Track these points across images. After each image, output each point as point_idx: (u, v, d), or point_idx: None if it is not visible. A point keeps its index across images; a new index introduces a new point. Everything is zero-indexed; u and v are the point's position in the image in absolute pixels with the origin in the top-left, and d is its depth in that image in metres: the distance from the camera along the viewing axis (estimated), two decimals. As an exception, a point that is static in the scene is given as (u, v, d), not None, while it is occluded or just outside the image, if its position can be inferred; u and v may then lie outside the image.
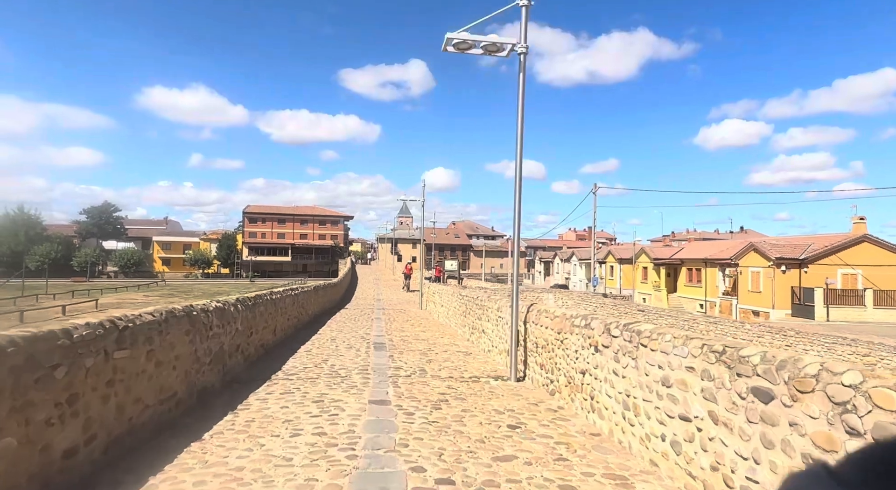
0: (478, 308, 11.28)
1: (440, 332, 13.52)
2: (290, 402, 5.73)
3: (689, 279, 48.02)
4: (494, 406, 5.77)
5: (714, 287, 43.19)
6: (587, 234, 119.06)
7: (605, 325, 4.97)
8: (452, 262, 39.46)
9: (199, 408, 5.49)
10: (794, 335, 18.22)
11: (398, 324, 15.62)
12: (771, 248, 34.91)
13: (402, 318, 17.85)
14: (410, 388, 6.62)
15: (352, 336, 12.22)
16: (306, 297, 15.31)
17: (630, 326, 4.48)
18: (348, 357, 9.11)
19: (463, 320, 13.00)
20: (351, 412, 5.36)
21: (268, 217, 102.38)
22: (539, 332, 6.90)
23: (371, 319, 16.86)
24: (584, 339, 5.43)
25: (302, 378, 7.17)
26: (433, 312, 19.21)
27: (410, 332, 13.55)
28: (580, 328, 5.56)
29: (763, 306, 35.31)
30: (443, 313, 16.80)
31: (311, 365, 8.23)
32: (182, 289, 66.60)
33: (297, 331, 12.89)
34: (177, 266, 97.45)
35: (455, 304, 14.51)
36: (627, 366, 4.40)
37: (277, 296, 11.16)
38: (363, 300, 27.88)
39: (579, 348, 5.52)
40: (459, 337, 12.52)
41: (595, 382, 5.09)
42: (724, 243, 48.20)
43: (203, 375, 5.96)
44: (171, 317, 5.15)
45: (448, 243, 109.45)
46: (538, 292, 28.05)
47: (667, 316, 21.97)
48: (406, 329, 14.22)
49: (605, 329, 4.95)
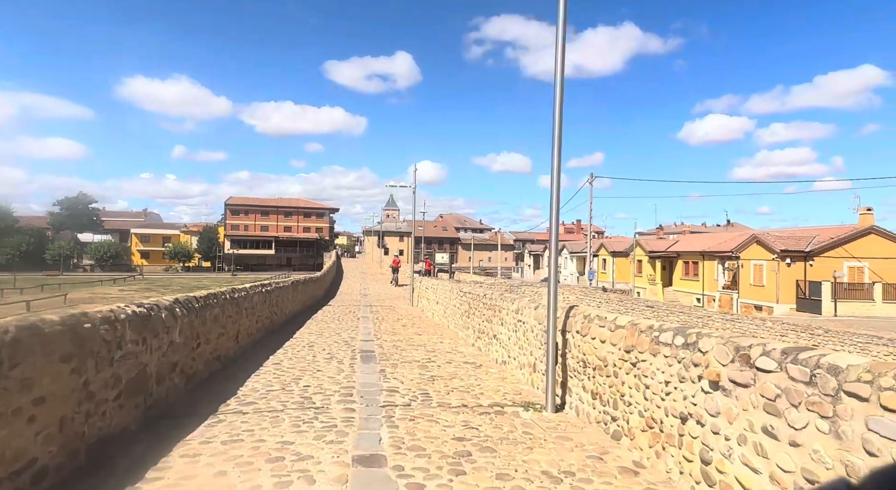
0: (486, 308, 9.36)
1: (438, 335, 11.59)
2: (232, 462, 3.76)
3: (685, 272, 46.65)
4: (541, 463, 3.86)
5: (712, 281, 41.82)
6: (576, 227, 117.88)
7: (738, 348, 3.07)
8: (443, 254, 37.47)
9: (89, 473, 3.51)
10: (823, 334, 16.61)
11: (388, 324, 13.66)
12: (775, 241, 33.49)
13: (392, 316, 15.88)
14: (413, 427, 4.68)
15: (334, 341, 10.23)
16: (282, 295, 13.27)
17: (808, 358, 2.57)
18: (327, 372, 7.13)
19: (465, 322, 11.07)
20: (325, 485, 3.41)
21: (251, 209, 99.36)
22: (589, 347, 5.00)
23: (357, 318, 14.87)
24: (683, 367, 3.54)
25: (261, 410, 5.19)
26: (426, 310, 17.26)
27: (403, 334, 11.59)
28: (673, 347, 3.67)
29: (766, 301, 33.94)
30: (439, 312, 14.86)
31: (277, 387, 6.25)
32: (160, 283, 64.01)
33: (268, 334, 10.87)
34: (156, 259, 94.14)
35: (455, 301, 12.58)
36: (807, 426, 2.51)
37: (242, 294, 9.13)
38: (349, 296, 25.84)
39: (674, 380, 3.63)
40: (462, 341, 10.60)
41: (714, 439, 3.20)
42: (721, 235, 46.88)
43: (104, 418, 3.97)
44: (30, 336, 3.15)
45: (436, 236, 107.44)
46: (535, 286, 26.26)
47: (678, 312, 20.24)
48: (398, 330, 12.26)
49: (736, 355, 3.06)
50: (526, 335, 6.99)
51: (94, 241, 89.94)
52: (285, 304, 13.79)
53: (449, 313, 13.19)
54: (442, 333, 11.93)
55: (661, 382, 3.79)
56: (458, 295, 12.32)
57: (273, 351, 8.84)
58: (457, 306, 12.20)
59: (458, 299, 12.09)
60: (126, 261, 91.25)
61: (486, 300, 9.52)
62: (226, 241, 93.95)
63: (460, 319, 11.65)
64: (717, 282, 40.26)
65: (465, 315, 11.21)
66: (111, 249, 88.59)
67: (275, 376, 6.85)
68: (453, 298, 12.77)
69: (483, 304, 9.63)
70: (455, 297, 12.59)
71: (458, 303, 12.02)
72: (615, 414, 4.48)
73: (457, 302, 12.25)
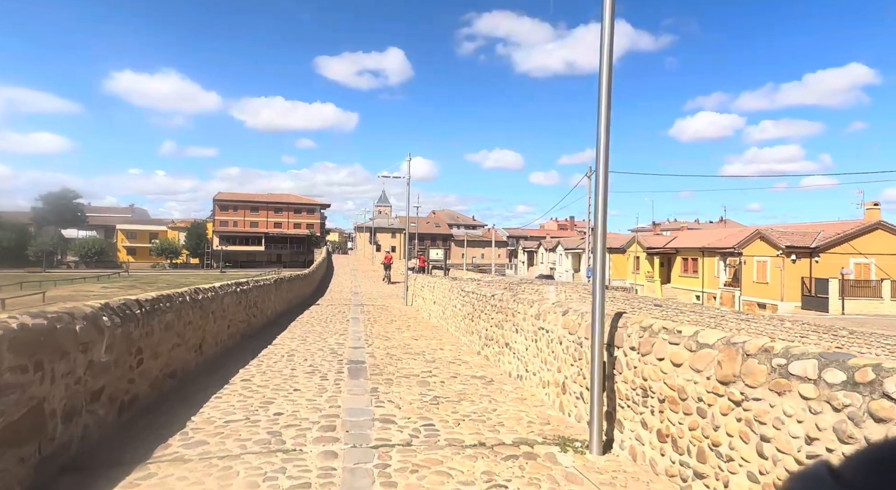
0: (495, 311, 8.05)
1: (437, 340, 10.28)
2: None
3: (684, 269, 45.70)
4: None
5: (712, 278, 40.85)
6: (569, 223, 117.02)
7: None
8: (438, 250, 36.11)
9: None
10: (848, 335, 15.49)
11: (380, 326, 12.32)
12: (780, 236, 32.47)
13: (385, 317, 14.56)
14: (417, 487, 3.36)
15: (318, 348, 8.87)
16: (262, 294, 11.90)
17: None
18: (307, 393, 5.79)
19: (469, 325, 9.77)
20: None
21: (240, 205, 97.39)
22: (653, 371, 3.71)
23: (346, 320, 13.53)
24: (848, 419, 2.25)
25: (210, 455, 3.85)
26: (422, 310, 15.95)
27: (398, 339, 10.26)
28: (820, 385, 2.38)
29: (770, 298, 32.94)
30: (436, 313, 13.54)
31: (239, 415, 4.90)
32: (146, 280, 62.29)
33: (244, 340, 9.50)
34: (143, 256, 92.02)
35: (456, 302, 11.26)
36: None
37: (209, 295, 7.76)
38: (339, 294, 24.46)
39: (826, 436, 2.35)
40: (466, 349, 9.29)
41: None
42: (721, 231, 45.90)
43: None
44: None
45: (428, 232, 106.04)
46: (535, 284, 25.01)
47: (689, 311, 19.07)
48: (391, 334, 10.93)
49: None
50: (551, 346, 5.70)
51: (78, 238, 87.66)
52: (266, 305, 12.42)
53: (448, 315, 11.88)
54: (441, 338, 10.62)
55: (797, 437, 2.50)
56: (459, 295, 11.01)
57: (246, 362, 7.48)
58: (458, 308, 10.89)
59: (460, 300, 10.78)
60: (112, 257, 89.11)
61: (494, 302, 8.21)
62: (214, 238, 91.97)
63: (462, 323, 10.35)
64: (718, 279, 39.25)
65: (467, 318, 9.91)
66: (96, 246, 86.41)
67: (241, 398, 5.50)
68: (454, 298, 11.46)
69: (491, 307, 8.32)
70: (456, 297, 11.28)
71: (460, 304, 10.71)
72: (702, 469, 3.19)
73: (458, 303, 10.95)
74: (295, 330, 11.35)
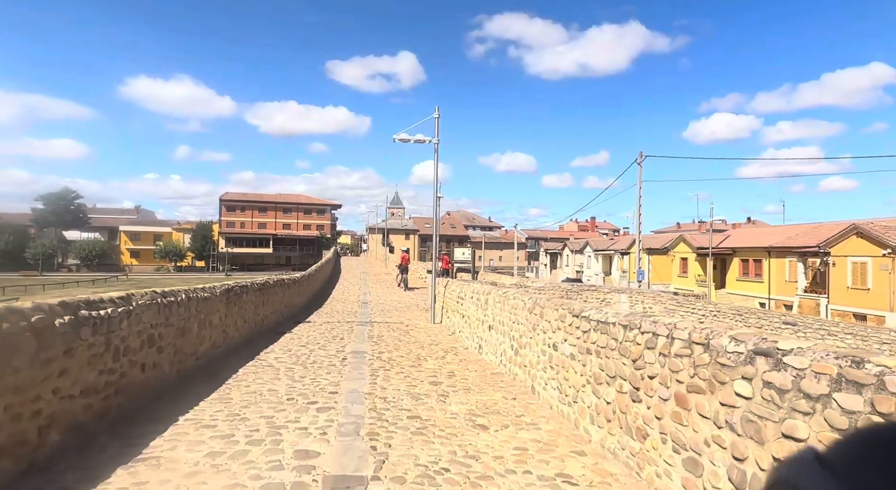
0: (712, 368, 2.54)
1: (531, 418, 4.80)
2: None
3: (742, 272, 39.70)
4: None
5: (783, 282, 34.78)
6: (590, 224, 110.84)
7: None
8: (464, 250, 30.58)
9: None
10: None
11: (401, 376, 6.89)
12: (886, 231, 26.46)
13: (406, 348, 9.12)
14: None
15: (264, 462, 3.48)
16: (191, 315, 6.51)
17: None
18: None
19: (597, 387, 4.24)
20: None
21: (247, 205, 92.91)
22: None
23: (343, 357, 8.12)
24: None
25: None
26: (464, 335, 10.37)
27: (440, 417, 4.82)
28: None
29: (873, 308, 26.89)
30: (495, 343, 7.99)
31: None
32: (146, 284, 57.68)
33: (113, 425, 4.14)
34: (147, 258, 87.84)
35: (552, 336, 5.69)
36: None
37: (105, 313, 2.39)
38: (342, 304, 19.05)
39: None
40: (610, 458, 3.81)
41: None
42: (793, 228, 39.50)
43: None
44: None
45: (444, 234, 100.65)
46: (605, 292, 19.28)
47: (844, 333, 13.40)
48: (424, 397, 5.49)
49: None
50: None
51: (79, 239, 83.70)
52: (208, 332, 7.06)
53: (531, 358, 6.33)
54: (529, 408, 5.12)
55: None
56: (554, 317, 5.44)
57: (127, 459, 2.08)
58: (566, 354, 5.32)
59: (568, 334, 5.22)
60: (114, 260, 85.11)
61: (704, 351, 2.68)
62: (220, 239, 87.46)
63: (587, 385, 4.81)
64: (795, 283, 33.18)
65: (594, 380, 4.38)
66: (97, 248, 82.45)
67: None
68: (551, 335, 5.87)
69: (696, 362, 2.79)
70: (553, 323, 5.71)
71: (569, 342, 5.15)
72: None
73: (566, 345, 5.36)
74: (240, 388, 5.93)
